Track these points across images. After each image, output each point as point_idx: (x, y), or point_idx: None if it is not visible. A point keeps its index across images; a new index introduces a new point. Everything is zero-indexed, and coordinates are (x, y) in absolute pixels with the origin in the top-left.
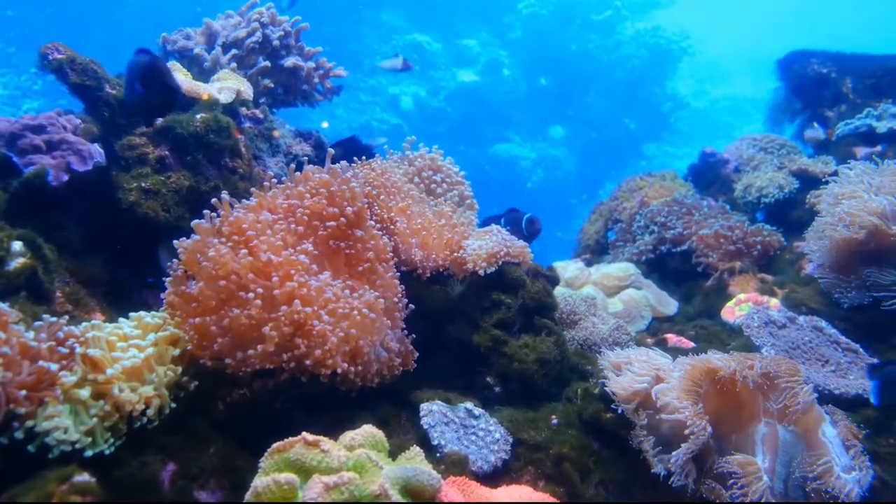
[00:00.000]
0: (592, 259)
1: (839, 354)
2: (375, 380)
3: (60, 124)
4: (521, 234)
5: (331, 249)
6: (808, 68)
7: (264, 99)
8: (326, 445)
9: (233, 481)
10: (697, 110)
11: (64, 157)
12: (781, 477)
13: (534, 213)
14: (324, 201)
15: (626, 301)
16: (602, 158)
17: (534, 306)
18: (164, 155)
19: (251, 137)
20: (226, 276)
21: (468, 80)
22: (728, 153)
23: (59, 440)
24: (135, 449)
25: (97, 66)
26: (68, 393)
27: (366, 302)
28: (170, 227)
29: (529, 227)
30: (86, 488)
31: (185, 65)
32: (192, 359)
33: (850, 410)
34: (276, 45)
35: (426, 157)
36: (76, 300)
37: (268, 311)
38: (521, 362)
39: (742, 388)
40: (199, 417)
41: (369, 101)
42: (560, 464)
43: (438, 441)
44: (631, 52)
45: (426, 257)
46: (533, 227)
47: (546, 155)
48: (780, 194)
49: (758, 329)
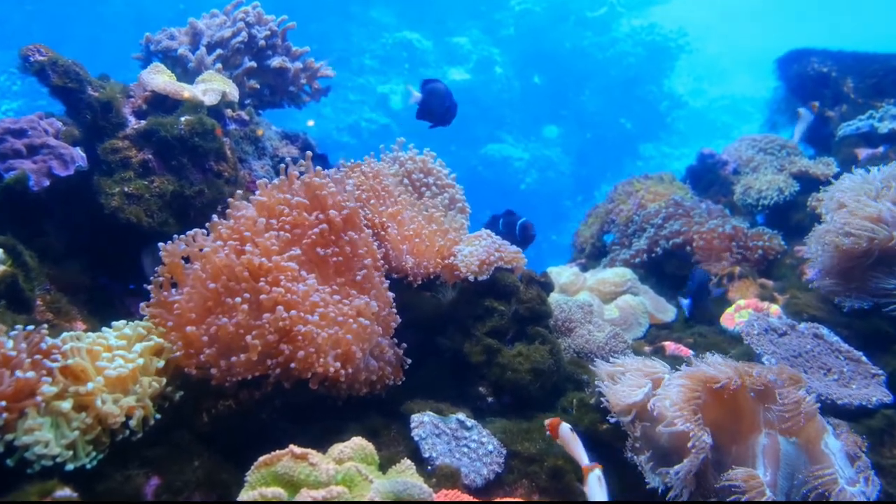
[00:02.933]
0: (588, 263)
1: (841, 363)
2: (364, 389)
3: (42, 128)
4: (515, 239)
5: (319, 256)
6: (808, 67)
7: (250, 100)
8: (315, 458)
9: (218, 495)
10: (695, 110)
11: (45, 161)
12: (783, 490)
13: (528, 219)
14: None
15: (623, 307)
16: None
17: (527, 314)
18: (147, 158)
19: (237, 140)
20: (216, 277)
21: (459, 79)
22: (727, 154)
23: (40, 454)
24: (118, 462)
25: (80, 67)
26: (49, 405)
27: (357, 308)
28: (153, 232)
29: (523, 233)
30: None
31: (169, 65)
32: (177, 369)
33: (853, 421)
34: (262, 45)
35: (417, 158)
36: (57, 308)
37: (254, 318)
38: (514, 372)
39: (742, 397)
40: (184, 430)
41: (357, 101)
42: (555, 477)
43: (430, 453)
44: (627, 49)
45: (418, 264)
46: (526, 233)
47: (540, 155)
48: (781, 197)
49: (758, 337)
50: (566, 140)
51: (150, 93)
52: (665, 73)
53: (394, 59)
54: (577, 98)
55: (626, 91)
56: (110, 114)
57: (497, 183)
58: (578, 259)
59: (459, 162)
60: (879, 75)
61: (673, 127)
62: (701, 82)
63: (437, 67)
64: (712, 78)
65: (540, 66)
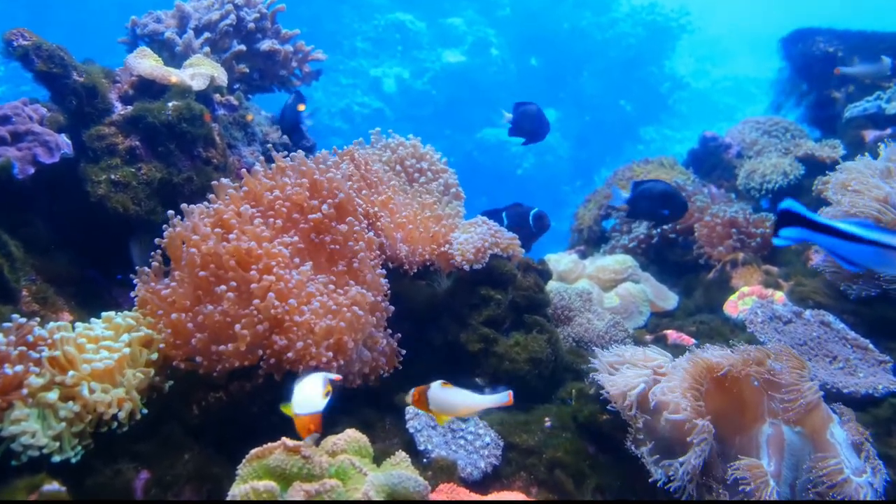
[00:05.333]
0: (587, 250)
1: (848, 351)
2: (358, 381)
3: (26, 114)
4: (529, 230)
5: (313, 244)
6: (813, 47)
7: (239, 85)
8: (308, 451)
9: (209, 490)
10: (697, 91)
11: (30, 148)
12: (788, 481)
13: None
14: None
15: (623, 295)
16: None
17: (525, 302)
18: (134, 145)
19: (226, 126)
20: (205, 265)
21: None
22: (730, 137)
23: (27, 445)
24: (107, 456)
25: (64, 52)
26: (36, 396)
27: (351, 298)
28: (141, 221)
29: (538, 223)
30: (56, 497)
31: (156, 49)
32: (166, 361)
33: (859, 410)
34: (251, 28)
35: (408, 144)
36: (43, 299)
37: (243, 307)
38: (511, 362)
39: (745, 386)
40: (174, 423)
41: (349, 84)
42: (554, 469)
43: (425, 446)
44: (627, 30)
45: (412, 252)
46: (542, 223)
47: None
48: (785, 181)
49: (762, 325)
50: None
51: (137, 78)
52: (666, 54)
53: (386, 41)
54: (576, 80)
55: (627, 73)
56: (96, 99)
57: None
58: (577, 245)
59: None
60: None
61: (674, 109)
62: (703, 63)
63: (430, 49)
64: (715, 58)
65: (537, 47)
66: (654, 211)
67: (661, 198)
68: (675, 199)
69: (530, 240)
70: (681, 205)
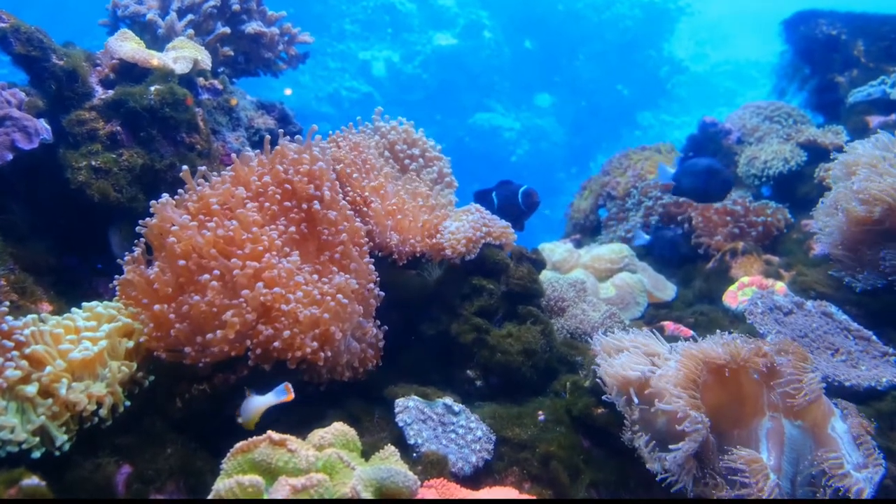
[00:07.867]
0: (583, 239)
1: (850, 343)
2: (346, 373)
3: (4, 99)
4: (518, 208)
5: (301, 233)
6: (816, 30)
7: (223, 68)
8: (294, 445)
9: (192, 484)
10: (697, 75)
11: (8, 134)
12: (788, 475)
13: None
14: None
15: (620, 286)
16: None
17: (518, 292)
18: (115, 131)
19: (210, 110)
20: (186, 255)
21: (445, 44)
22: (730, 123)
23: (5, 440)
24: (87, 450)
25: (43, 34)
26: (14, 390)
27: (336, 286)
28: (122, 208)
29: (526, 200)
30: (35, 492)
31: (138, 32)
32: (148, 352)
33: (861, 403)
34: (235, 10)
35: (399, 129)
36: (22, 289)
37: (229, 297)
38: (504, 353)
39: (744, 379)
40: (156, 416)
41: (337, 68)
42: (547, 464)
43: (415, 440)
44: (624, 11)
45: (403, 241)
46: (530, 200)
47: (531, 125)
48: (787, 167)
49: (762, 316)
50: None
51: (118, 61)
52: (664, 37)
53: (375, 23)
54: (571, 64)
55: (624, 56)
56: (76, 83)
57: (486, 155)
58: (572, 235)
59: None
60: (892, 38)
61: (673, 94)
62: (703, 46)
63: (421, 32)
64: (715, 41)
65: (531, 30)
66: (697, 187)
67: (706, 174)
68: (718, 175)
69: (521, 218)
70: (723, 182)
